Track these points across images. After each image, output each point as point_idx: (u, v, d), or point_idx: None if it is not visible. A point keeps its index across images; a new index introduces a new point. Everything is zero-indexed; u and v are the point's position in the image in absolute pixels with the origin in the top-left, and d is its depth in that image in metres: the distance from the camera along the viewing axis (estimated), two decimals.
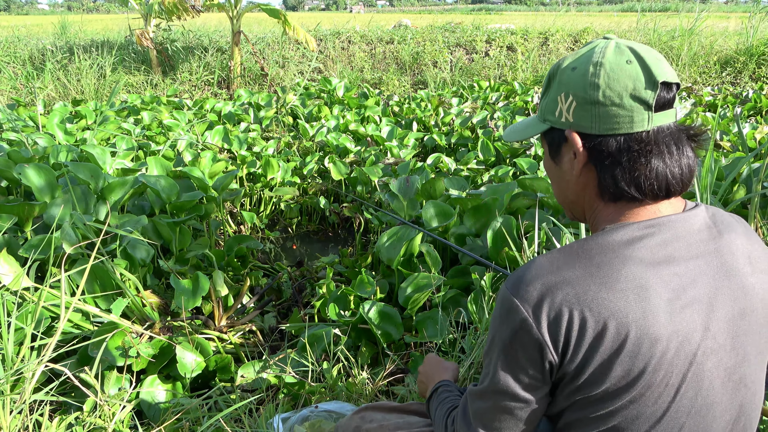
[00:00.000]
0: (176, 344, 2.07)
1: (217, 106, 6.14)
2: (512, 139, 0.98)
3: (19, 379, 1.60)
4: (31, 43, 9.17)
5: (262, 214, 4.11)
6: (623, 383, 0.76)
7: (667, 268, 0.77)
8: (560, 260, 0.80)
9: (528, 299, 0.78)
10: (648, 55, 0.81)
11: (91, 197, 2.86)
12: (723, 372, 0.79)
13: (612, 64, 0.80)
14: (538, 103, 0.92)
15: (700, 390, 0.77)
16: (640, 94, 0.79)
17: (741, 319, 0.80)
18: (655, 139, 0.81)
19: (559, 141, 0.89)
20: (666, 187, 0.81)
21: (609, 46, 0.82)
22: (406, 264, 2.59)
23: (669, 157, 0.81)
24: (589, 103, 0.81)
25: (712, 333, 0.77)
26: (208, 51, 8.84)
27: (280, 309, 2.89)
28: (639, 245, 0.78)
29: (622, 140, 0.81)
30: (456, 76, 8.88)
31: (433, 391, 1.16)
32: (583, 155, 0.85)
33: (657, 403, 0.76)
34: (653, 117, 0.80)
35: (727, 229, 0.85)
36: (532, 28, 10.22)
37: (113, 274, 2.22)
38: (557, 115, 0.86)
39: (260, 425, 1.64)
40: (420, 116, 5.74)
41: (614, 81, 0.80)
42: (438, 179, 3.15)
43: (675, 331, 0.75)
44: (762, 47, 8.40)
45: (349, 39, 9.94)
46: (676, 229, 0.80)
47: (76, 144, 4.43)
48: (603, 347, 0.75)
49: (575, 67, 0.84)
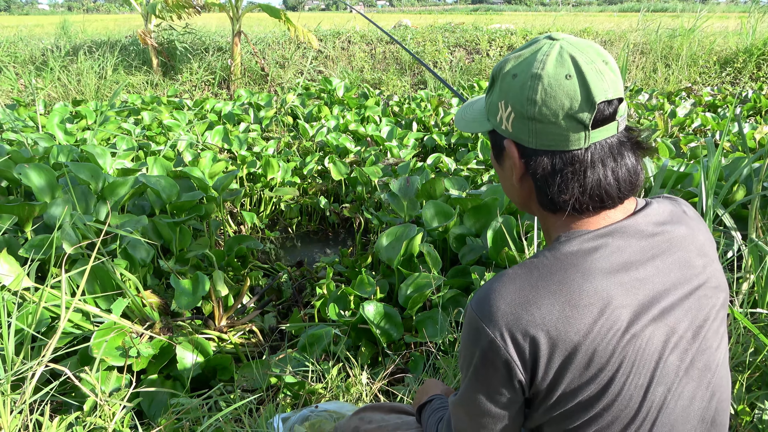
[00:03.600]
0: (176, 344, 2.07)
1: (218, 106, 6.15)
2: (460, 128, 0.96)
3: (19, 379, 1.60)
4: (31, 43, 9.18)
5: (262, 214, 4.11)
6: (595, 393, 0.77)
7: (627, 274, 0.78)
8: (523, 279, 0.79)
9: (493, 321, 0.78)
10: (589, 68, 0.77)
11: (91, 197, 2.86)
12: (688, 363, 0.80)
13: (550, 79, 0.77)
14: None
15: (669, 385, 0.79)
16: (576, 115, 0.77)
17: (699, 310, 0.82)
18: (591, 156, 0.79)
19: (501, 145, 0.87)
20: (601, 201, 0.81)
21: (551, 55, 0.78)
22: (406, 264, 2.59)
23: (604, 171, 0.80)
24: (526, 118, 0.80)
25: (676, 329, 0.79)
26: (208, 51, 8.84)
27: (280, 309, 2.89)
28: (596, 256, 0.79)
29: (557, 159, 0.80)
30: (456, 76, 8.88)
31: (427, 401, 1.19)
32: (521, 167, 0.84)
33: (629, 405, 0.78)
34: (590, 135, 0.78)
35: (679, 222, 0.86)
36: (532, 28, 10.22)
37: (113, 275, 2.22)
38: (498, 121, 0.85)
39: (260, 425, 1.64)
40: (420, 116, 5.75)
41: (551, 98, 0.77)
42: (438, 179, 3.15)
43: (641, 336, 0.77)
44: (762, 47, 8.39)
45: (349, 39, 9.95)
46: (628, 233, 0.81)
47: (77, 144, 4.43)
48: (573, 365, 0.76)
49: (516, 75, 0.81)
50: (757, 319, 1.70)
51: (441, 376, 1.93)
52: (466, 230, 2.79)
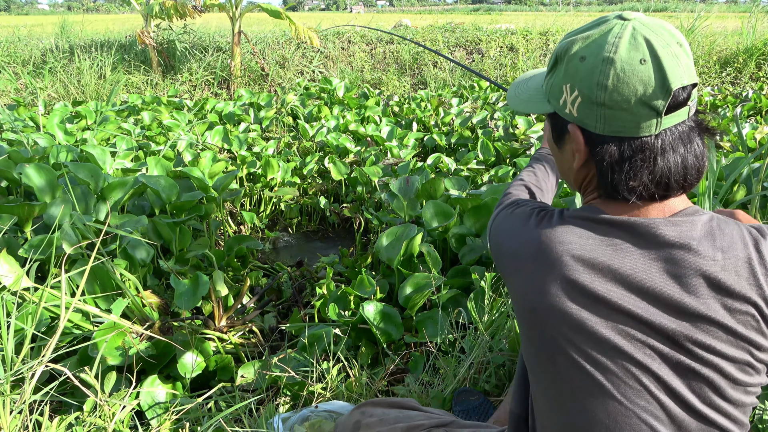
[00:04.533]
0: (176, 344, 2.07)
1: (218, 106, 6.15)
2: (514, 107, 0.94)
3: (19, 379, 1.60)
4: (31, 43, 9.18)
5: (262, 215, 4.11)
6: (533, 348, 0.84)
7: (596, 260, 0.77)
8: (523, 215, 0.90)
9: (494, 221, 0.99)
10: (665, 52, 0.73)
11: (91, 197, 2.86)
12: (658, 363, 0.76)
13: (624, 64, 0.74)
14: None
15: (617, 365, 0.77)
16: (650, 101, 0.74)
17: (695, 334, 0.74)
18: (661, 143, 0.76)
19: (562, 128, 0.85)
20: (667, 189, 0.78)
21: (624, 37, 0.74)
22: (406, 264, 2.59)
23: (675, 158, 0.77)
24: (595, 103, 0.76)
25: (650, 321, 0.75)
26: (208, 51, 8.84)
27: (280, 309, 2.89)
28: (589, 240, 0.79)
29: (626, 146, 0.77)
30: (456, 76, 8.88)
31: (538, 151, 1.36)
32: (585, 153, 0.82)
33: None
34: (662, 121, 0.75)
35: (709, 244, 0.76)
36: (532, 28, 10.22)
37: (113, 275, 2.22)
38: (561, 104, 0.82)
39: (260, 425, 1.64)
40: (420, 116, 5.74)
41: (623, 84, 0.74)
42: (438, 179, 3.15)
43: (580, 319, 0.77)
44: (762, 47, 8.39)
45: (349, 39, 9.95)
46: (636, 231, 0.78)
47: (76, 144, 4.43)
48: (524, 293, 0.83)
49: (584, 57, 0.77)
50: None
51: (441, 377, 1.93)
52: (466, 230, 2.79)
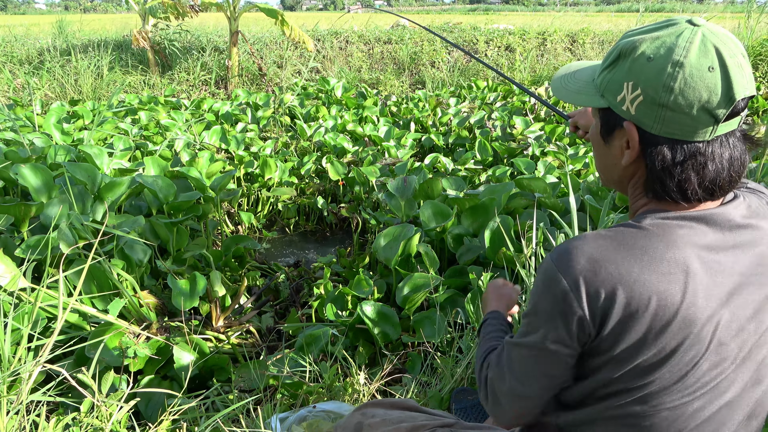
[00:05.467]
0: (173, 344, 2.07)
1: (215, 106, 6.14)
2: (561, 97, 0.94)
3: (15, 379, 1.60)
4: (28, 42, 9.15)
5: (260, 215, 4.10)
6: (654, 361, 0.79)
7: (708, 255, 0.79)
8: (606, 240, 0.81)
9: (571, 273, 0.79)
10: (732, 62, 0.75)
11: (88, 197, 2.86)
12: (746, 353, 0.81)
13: (693, 69, 0.75)
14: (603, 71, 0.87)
15: (723, 369, 0.80)
16: (711, 109, 0.75)
17: (764, 305, 0.82)
18: (712, 149, 0.79)
19: (614, 124, 0.85)
20: (713, 194, 0.82)
21: (694, 42, 0.75)
22: (404, 264, 2.59)
23: (722, 165, 0.80)
24: (658, 104, 0.78)
25: (739, 318, 0.80)
26: (205, 51, 8.83)
27: (278, 309, 2.89)
28: (681, 232, 0.80)
29: (678, 149, 0.79)
30: (454, 76, 8.88)
31: (483, 322, 1.20)
32: (637, 151, 0.83)
33: (683, 381, 0.79)
34: (717, 129, 0.77)
35: (764, 217, 0.86)
36: (530, 28, 10.23)
37: (110, 275, 2.22)
38: (619, 101, 0.82)
39: (258, 425, 1.64)
40: (418, 116, 5.75)
41: (690, 89, 0.75)
42: (435, 179, 3.15)
43: (711, 318, 0.78)
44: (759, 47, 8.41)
45: (347, 39, 9.94)
46: (715, 221, 0.81)
47: (74, 144, 4.42)
48: (640, 326, 0.77)
49: (651, 58, 0.77)
50: None
51: (439, 377, 1.93)
52: (463, 230, 2.79)
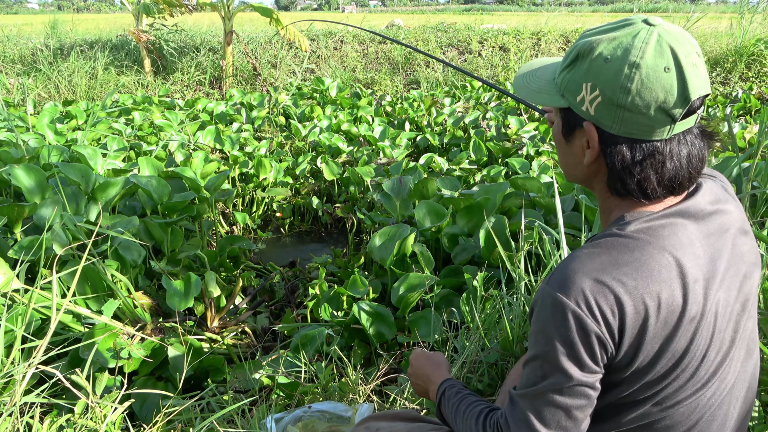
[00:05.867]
0: (168, 345, 2.06)
1: (209, 106, 6.12)
2: (523, 96, 0.94)
3: (9, 381, 1.59)
4: (20, 42, 9.10)
5: (255, 215, 4.10)
6: (670, 365, 0.80)
7: (692, 250, 0.81)
8: (601, 257, 0.80)
9: (578, 295, 0.77)
10: (687, 62, 0.76)
11: (81, 198, 2.84)
12: (741, 333, 0.86)
13: (649, 70, 0.76)
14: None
15: (726, 353, 0.84)
16: (668, 109, 0.77)
17: (743, 284, 0.87)
18: (670, 147, 0.81)
19: (575, 124, 0.86)
20: (672, 191, 0.84)
21: (650, 43, 0.76)
22: (399, 264, 2.59)
23: (681, 162, 0.81)
24: (616, 105, 0.79)
25: (728, 301, 0.84)
26: (200, 51, 8.80)
27: (273, 309, 2.88)
28: (665, 233, 0.81)
29: (637, 148, 0.81)
30: (448, 76, 8.89)
31: (441, 395, 1.10)
32: (597, 151, 0.84)
33: (695, 376, 0.82)
34: (674, 127, 0.79)
35: (725, 201, 0.90)
36: (524, 28, 10.25)
37: (104, 276, 2.21)
38: (578, 101, 0.83)
39: (253, 426, 1.64)
40: (412, 116, 5.75)
41: (646, 90, 0.76)
42: (430, 179, 3.16)
43: (711, 310, 0.80)
44: (751, 47, 8.46)
45: (341, 39, 9.94)
46: (691, 213, 0.84)
47: (67, 144, 4.40)
48: (653, 335, 0.78)
49: (609, 59, 0.78)
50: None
51: None
52: (458, 230, 2.80)
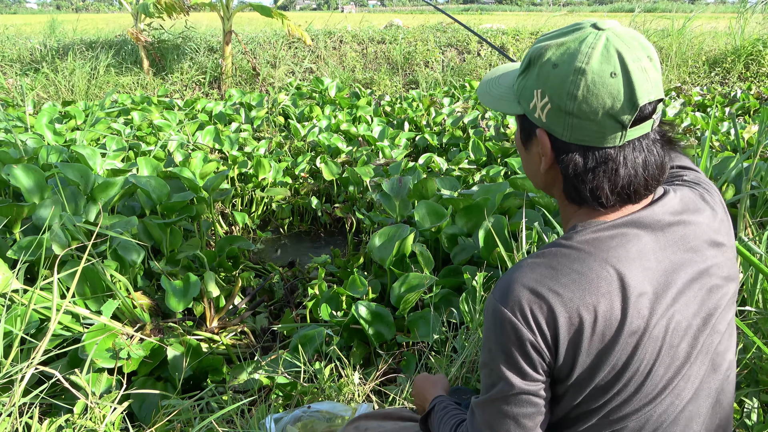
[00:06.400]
0: (167, 346, 2.06)
1: (208, 106, 6.12)
2: (485, 103, 0.94)
3: (8, 381, 1.59)
4: (19, 42, 9.09)
5: (254, 215, 4.09)
6: (611, 377, 0.79)
7: (641, 262, 0.79)
8: (541, 266, 0.80)
9: (513, 304, 0.78)
10: (635, 66, 0.75)
11: (80, 198, 2.84)
12: (699, 349, 0.82)
13: (594, 75, 0.75)
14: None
15: (678, 369, 0.81)
16: (616, 115, 0.75)
17: (708, 298, 0.83)
18: (623, 154, 0.79)
19: (530, 131, 0.86)
20: (629, 199, 0.82)
21: (596, 48, 0.75)
22: (399, 264, 2.59)
23: (635, 170, 0.79)
24: (564, 111, 0.78)
25: (685, 316, 0.81)
26: (199, 51, 8.80)
27: (272, 310, 2.88)
28: (612, 244, 0.80)
29: (590, 155, 0.79)
30: (447, 76, 8.89)
31: (431, 408, 1.13)
32: (551, 158, 0.83)
33: (642, 390, 0.80)
34: (626, 134, 0.77)
35: (695, 211, 0.86)
36: (523, 28, 10.26)
37: (104, 276, 2.21)
38: (531, 108, 0.82)
39: (252, 426, 1.64)
40: (411, 116, 5.75)
41: (592, 96, 0.75)
42: (430, 179, 3.16)
43: (657, 324, 0.78)
44: (750, 47, 8.47)
45: (340, 39, 9.93)
46: (644, 223, 0.82)
47: (66, 144, 4.40)
48: (589, 347, 0.78)
49: (557, 65, 0.77)
50: (746, 317, 1.72)
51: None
52: (458, 230, 2.80)
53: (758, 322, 1.65)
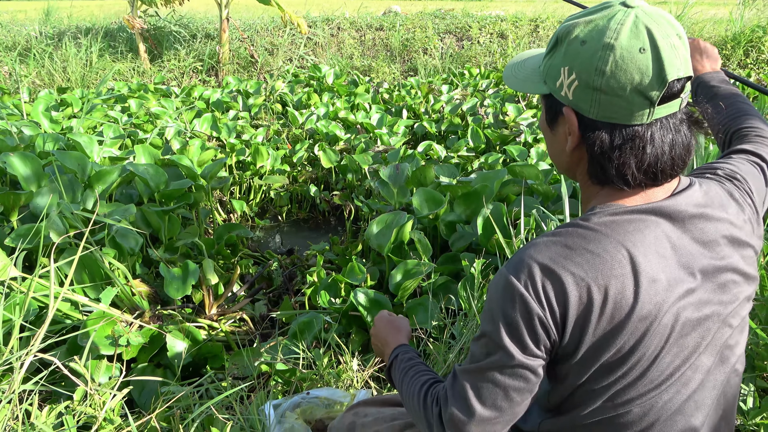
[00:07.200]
0: (166, 333, 2.07)
1: (206, 93, 6.08)
2: (510, 85, 0.94)
3: (8, 369, 1.59)
4: (14, 29, 9.01)
5: (252, 203, 4.09)
6: (617, 358, 0.79)
7: (657, 249, 0.79)
8: (557, 245, 0.80)
9: (526, 278, 0.79)
10: (665, 43, 0.75)
11: (78, 186, 2.83)
12: (709, 339, 0.82)
13: (623, 51, 0.75)
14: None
15: (686, 357, 0.81)
16: (644, 91, 0.75)
17: (723, 294, 0.82)
18: (651, 133, 0.79)
19: (556, 111, 0.86)
20: (654, 178, 0.81)
21: (625, 24, 0.75)
22: (397, 251, 2.59)
23: (663, 149, 0.79)
24: (591, 88, 0.78)
25: (700, 308, 0.80)
26: (196, 37, 8.73)
27: (271, 297, 2.89)
28: (630, 228, 0.80)
29: (617, 133, 0.79)
30: (446, 63, 8.84)
31: (393, 358, 1.13)
32: (577, 136, 0.83)
33: (648, 374, 0.80)
34: (654, 111, 0.77)
35: (720, 206, 0.85)
36: (522, 14, 10.18)
37: (102, 264, 2.21)
38: (558, 86, 0.83)
39: (251, 412, 1.64)
40: (410, 103, 5.72)
41: (621, 71, 0.75)
42: (428, 166, 3.15)
43: (663, 310, 0.78)
44: (749, 34, 8.43)
45: (338, 25, 9.86)
46: (665, 213, 0.81)
47: (63, 132, 4.37)
48: (596, 327, 0.78)
49: (585, 41, 0.78)
50: None
51: (432, 363, 1.94)
52: (456, 217, 2.80)
53: (755, 308, 1.65)
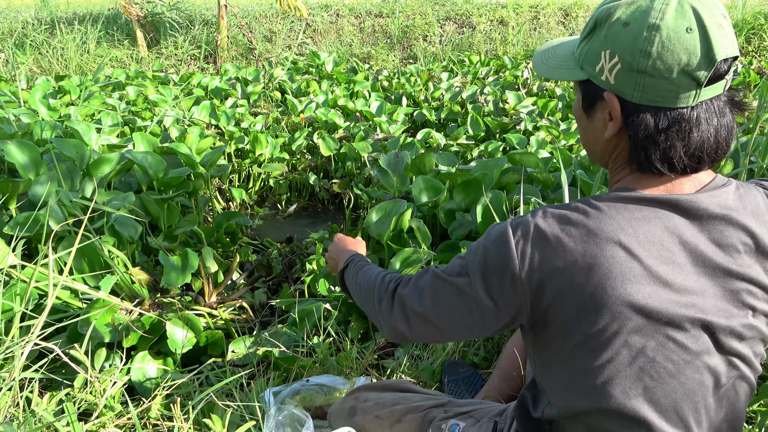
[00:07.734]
0: (166, 321, 2.07)
1: (204, 81, 6.05)
2: (541, 73, 0.92)
3: (8, 357, 1.60)
4: (10, 16, 8.94)
5: (251, 191, 4.08)
6: (601, 339, 0.77)
7: (659, 242, 0.77)
8: (561, 218, 0.80)
9: (521, 238, 0.79)
10: (712, 22, 0.72)
11: (76, 174, 2.82)
12: (712, 347, 0.79)
13: (670, 31, 0.73)
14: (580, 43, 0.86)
15: (672, 350, 0.78)
16: (692, 72, 0.73)
17: (734, 299, 0.79)
18: (696, 115, 0.76)
19: (595, 96, 0.84)
20: (700, 162, 0.79)
21: (670, 4, 0.73)
22: (396, 239, 2.59)
23: (708, 132, 0.77)
24: (636, 71, 0.76)
25: (698, 310, 0.77)
26: (194, 24, 8.67)
27: (271, 285, 2.90)
28: (638, 216, 0.78)
29: (662, 116, 0.77)
30: (446, 50, 8.79)
31: (349, 260, 1.17)
32: (620, 122, 0.81)
33: (626, 359, 0.78)
34: (700, 93, 0.75)
35: (750, 214, 0.80)
36: (523, 1, 10.11)
37: (101, 252, 2.20)
38: (597, 71, 0.81)
39: (251, 399, 1.65)
40: (409, 91, 5.70)
41: (668, 52, 0.73)
42: (428, 154, 3.14)
43: (656, 301, 0.75)
44: (751, 21, 8.37)
45: (337, 12, 9.78)
46: (681, 207, 0.78)
47: (60, 120, 4.35)
48: (577, 301, 0.76)
49: (628, 23, 0.75)
50: None
51: (430, 350, 1.95)
52: (455, 205, 2.79)
53: None
